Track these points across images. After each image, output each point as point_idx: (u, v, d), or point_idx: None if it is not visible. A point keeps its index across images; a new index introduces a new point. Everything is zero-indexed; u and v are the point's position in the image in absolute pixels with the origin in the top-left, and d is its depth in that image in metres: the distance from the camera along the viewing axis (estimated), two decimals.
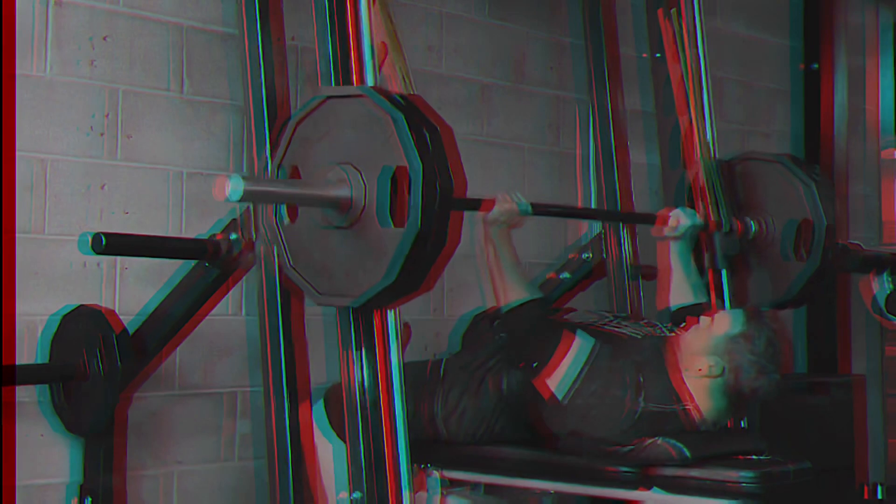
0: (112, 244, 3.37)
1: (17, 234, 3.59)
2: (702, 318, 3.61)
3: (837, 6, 6.24)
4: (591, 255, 4.51)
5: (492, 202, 3.45)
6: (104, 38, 3.83)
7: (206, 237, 3.42)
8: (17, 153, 3.61)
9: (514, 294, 3.43)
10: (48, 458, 3.71)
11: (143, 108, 3.90)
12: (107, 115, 3.82)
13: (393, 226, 2.70)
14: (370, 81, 3.10)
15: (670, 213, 4.01)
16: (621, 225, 4.38)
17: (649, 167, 4.89)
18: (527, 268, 4.88)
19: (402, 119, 2.69)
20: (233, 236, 3.38)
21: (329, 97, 2.88)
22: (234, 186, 2.65)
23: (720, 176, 4.27)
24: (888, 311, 5.35)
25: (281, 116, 3.28)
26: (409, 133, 2.67)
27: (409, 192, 2.67)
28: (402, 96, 2.81)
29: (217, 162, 4.04)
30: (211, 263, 3.42)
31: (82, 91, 3.78)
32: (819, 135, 6.17)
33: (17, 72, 3.63)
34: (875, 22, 6.60)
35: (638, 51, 4.59)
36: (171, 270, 3.76)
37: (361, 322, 2.99)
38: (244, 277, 3.55)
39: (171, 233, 3.92)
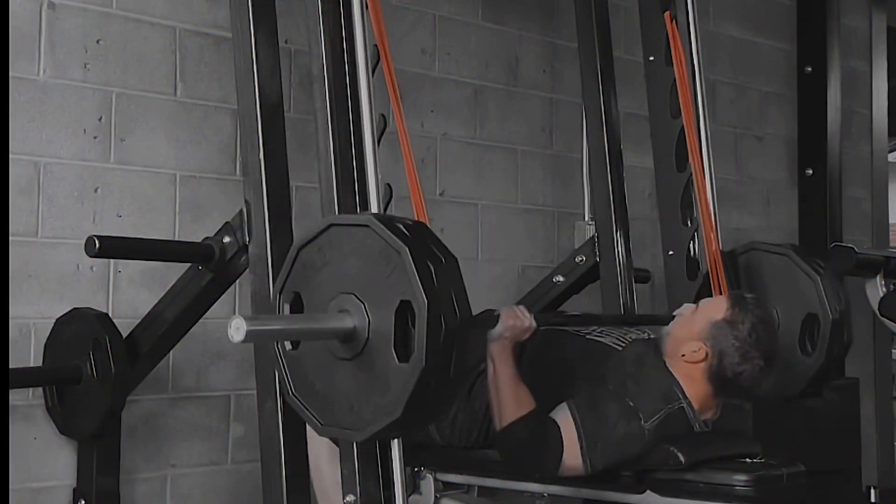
0: (115, 247, 3.44)
1: (11, 237, 3.60)
2: (686, 305, 3.63)
3: (834, 10, 6.25)
4: (583, 259, 4.51)
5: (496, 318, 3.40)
6: (99, 42, 3.83)
7: (211, 240, 3.41)
8: (12, 156, 3.62)
9: (506, 415, 3.39)
10: (46, 461, 3.71)
11: (137, 111, 3.90)
12: (102, 119, 3.83)
13: (398, 360, 2.62)
14: (363, 86, 3.10)
15: (674, 313, 3.95)
16: (615, 227, 4.37)
17: (645, 168, 4.90)
18: (525, 270, 4.93)
19: (406, 252, 2.60)
20: (226, 239, 3.37)
21: (332, 224, 2.79)
22: (236, 327, 2.59)
23: (726, 266, 4.24)
24: (882, 314, 5.37)
25: (274, 120, 3.27)
26: (414, 267, 2.59)
27: (415, 327, 2.59)
28: (407, 225, 2.71)
29: (211, 165, 4.05)
30: (206, 266, 3.42)
31: (77, 94, 3.78)
32: (820, 138, 6.18)
33: (12, 74, 3.64)
34: (880, 26, 6.62)
35: (645, 54, 4.58)
36: (164, 273, 3.77)
37: None
38: (238, 280, 3.55)
39: (165, 236, 3.93)
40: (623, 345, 3.60)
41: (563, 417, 3.36)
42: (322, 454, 3.39)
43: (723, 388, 3.49)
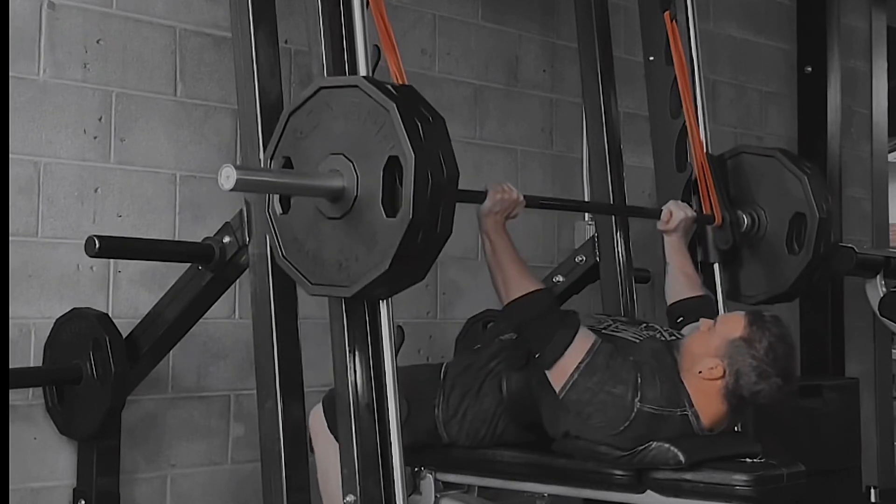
0: (115, 247, 3.45)
1: (11, 237, 3.60)
2: (703, 319, 3.59)
3: (834, 10, 6.26)
4: (583, 259, 4.51)
5: (485, 193, 3.39)
6: (99, 42, 3.83)
7: (211, 240, 3.42)
8: (12, 156, 3.62)
9: (514, 286, 3.37)
10: (46, 461, 3.71)
11: (137, 110, 3.90)
12: (102, 119, 3.83)
13: (385, 216, 2.70)
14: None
15: (662, 207, 3.98)
16: (615, 227, 4.37)
17: (645, 169, 4.90)
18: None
19: (394, 109, 2.68)
20: (226, 239, 3.38)
21: (321, 87, 2.87)
22: (226, 175, 2.63)
23: (713, 169, 4.27)
24: (882, 314, 5.37)
25: (274, 120, 3.27)
26: (401, 123, 2.66)
27: (402, 182, 2.67)
28: (394, 86, 2.81)
29: (211, 165, 4.04)
30: (205, 266, 3.42)
31: (77, 94, 3.78)
32: (820, 138, 6.18)
33: (12, 74, 3.64)
34: (880, 26, 6.62)
35: (645, 54, 4.57)
36: (164, 273, 3.77)
37: (354, 319, 3.00)
38: (238, 280, 3.55)
39: (165, 236, 3.93)
40: (640, 339, 3.57)
41: (587, 333, 3.37)
42: (329, 459, 3.38)
43: (738, 406, 3.43)
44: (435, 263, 2.90)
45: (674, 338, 3.59)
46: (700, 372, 3.39)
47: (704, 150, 4.30)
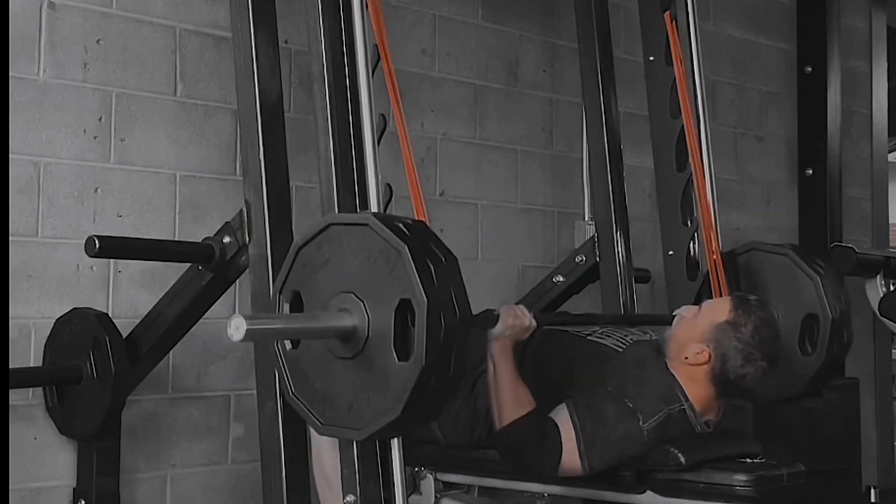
0: (115, 247, 3.45)
1: (11, 237, 3.60)
2: (687, 306, 3.61)
3: (834, 10, 6.26)
4: (583, 259, 4.51)
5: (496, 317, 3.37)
6: (99, 42, 3.83)
7: (211, 240, 3.42)
8: (12, 156, 3.62)
9: (505, 415, 3.35)
10: (46, 461, 3.71)
11: (137, 110, 3.90)
12: (102, 119, 3.83)
13: (398, 359, 2.62)
14: (363, 85, 3.11)
15: (674, 312, 3.94)
16: (615, 227, 4.37)
17: (645, 169, 4.90)
18: (525, 270, 4.93)
19: (406, 251, 2.61)
20: (226, 239, 3.38)
21: (332, 224, 2.79)
22: (236, 326, 2.57)
23: (726, 267, 4.24)
24: (882, 314, 5.36)
25: (274, 120, 3.27)
26: (413, 267, 2.59)
27: (415, 325, 2.59)
28: (406, 224, 2.71)
29: (211, 165, 4.05)
30: (205, 266, 3.42)
31: (77, 94, 3.78)
32: (820, 138, 6.18)
33: (12, 74, 3.64)
34: (880, 26, 6.62)
35: (645, 54, 4.57)
36: (164, 273, 3.77)
37: None
38: (238, 280, 3.55)
39: (165, 236, 3.93)
40: (624, 346, 3.58)
41: (563, 418, 3.35)
42: (324, 457, 3.38)
43: (725, 389, 3.47)
44: None
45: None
46: (686, 358, 3.43)
47: (719, 249, 4.27)
